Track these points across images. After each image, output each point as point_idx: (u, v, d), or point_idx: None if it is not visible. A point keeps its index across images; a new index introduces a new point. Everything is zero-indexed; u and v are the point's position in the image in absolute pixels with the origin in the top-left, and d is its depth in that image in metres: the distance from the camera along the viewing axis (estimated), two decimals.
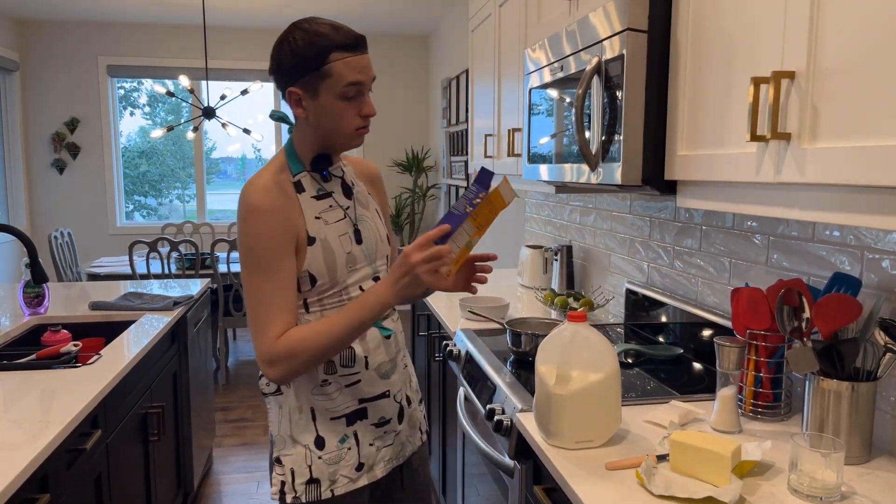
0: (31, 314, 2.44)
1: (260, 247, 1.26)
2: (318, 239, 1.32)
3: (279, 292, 1.27)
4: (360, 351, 1.38)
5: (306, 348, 1.25)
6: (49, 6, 5.55)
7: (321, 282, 1.33)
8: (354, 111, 1.29)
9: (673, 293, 2.02)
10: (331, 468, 1.38)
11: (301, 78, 1.26)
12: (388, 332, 1.44)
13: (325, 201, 1.36)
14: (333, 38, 1.25)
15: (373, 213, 1.45)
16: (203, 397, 3.04)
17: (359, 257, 1.38)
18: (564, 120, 1.73)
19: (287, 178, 1.33)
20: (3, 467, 1.22)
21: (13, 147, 5.94)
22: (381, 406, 1.43)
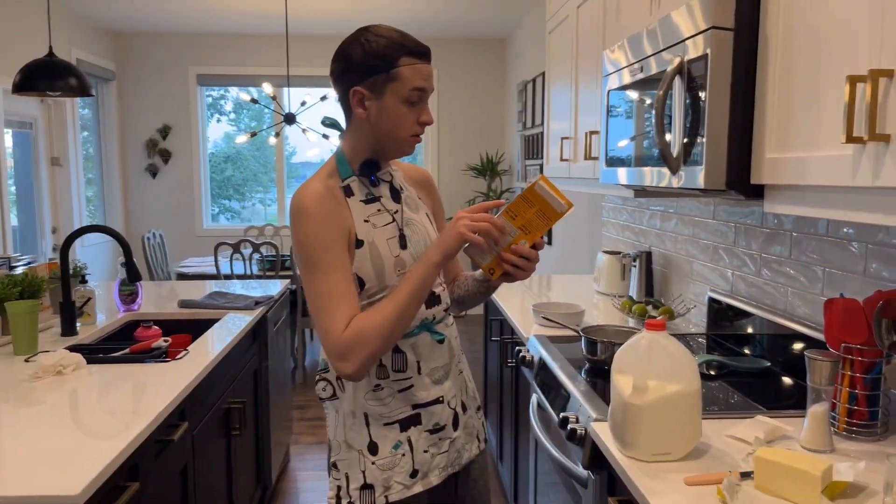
0: (126, 310, 2.58)
1: (313, 245, 1.27)
2: (367, 242, 1.33)
3: (338, 286, 1.27)
4: (412, 356, 1.37)
5: (374, 327, 1.24)
6: (144, 19, 5.87)
7: (369, 285, 1.33)
8: (414, 117, 1.32)
9: (760, 303, 1.93)
10: (384, 474, 1.37)
11: (368, 78, 1.28)
12: (440, 337, 1.41)
13: (373, 205, 1.36)
14: (404, 43, 1.29)
15: (422, 217, 1.44)
16: (281, 395, 3.13)
17: (407, 261, 1.37)
18: (644, 122, 1.69)
19: (336, 182, 1.35)
20: (97, 455, 1.29)
21: (110, 153, 6.30)
22: (435, 412, 1.40)
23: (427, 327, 1.39)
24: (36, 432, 1.40)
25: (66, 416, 1.49)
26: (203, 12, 5.59)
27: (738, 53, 1.35)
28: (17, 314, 1.95)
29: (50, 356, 1.80)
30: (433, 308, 1.41)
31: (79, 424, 1.44)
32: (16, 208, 4.83)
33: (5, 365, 1.88)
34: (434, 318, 1.41)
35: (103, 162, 6.28)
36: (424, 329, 1.39)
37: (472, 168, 6.47)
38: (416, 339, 1.38)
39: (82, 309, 2.33)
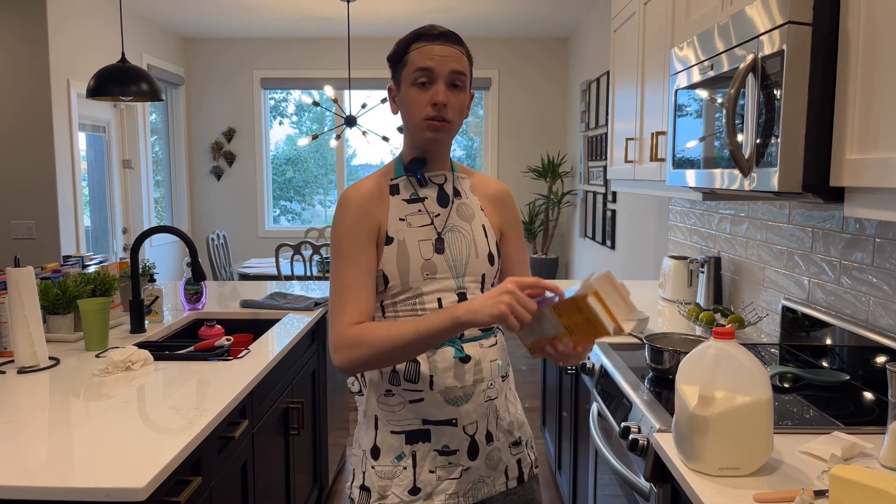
0: (191, 309, 2.64)
1: (342, 235, 1.31)
2: (396, 240, 1.32)
3: (356, 280, 1.29)
4: (425, 368, 1.31)
5: (370, 340, 1.22)
6: (211, 25, 6.05)
7: (392, 283, 1.32)
8: (426, 99, 1.29)
9: (839, 312, 1.83)
10: (382, 482, 1.34)
11: (394, 74, 1.35)
12: (462, 355, 1.32)
13: (414, 205, 1.36)
14: (418, 31, 1.31)
15: (476, 227, 1.38)
16: (338, 397, 3.16)
17: (440, 267, 1.32)
18: (714, 122, 1.62)
19: (387, 181, 1.37)
20: (162, 449, 1.32)
21: (178, 155, 6.52)
22: (445, 433, 1.33)
23: (452, 342, 1.32)
24: (105, 426, 1.44)
25: (134, 411, 1.53)
26: (267, 17, 5.72)
27: (816, 49, 1.28)
28: (89, 311, 2.02)
29: (119, 352, 1.86)
30: None
31: (145, 419, 1.48)
32: (89, 209, 5.04)
33: (77, 360, 1.95)
34: (462, 335, 1.33)
35: (171, 164, 6.50)
36: (449, 343, 1.32)
37: (532, 170, 6.42)
38: (435, 351, 1.31)
39: (150, 307, 2.40)
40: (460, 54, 1.31)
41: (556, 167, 6.26)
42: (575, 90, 6.16)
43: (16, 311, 1.81)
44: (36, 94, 4.28)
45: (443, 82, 1.29)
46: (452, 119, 1.31)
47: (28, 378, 1.78)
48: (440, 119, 1.29)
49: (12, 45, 4.23)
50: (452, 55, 1.29)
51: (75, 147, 4.57)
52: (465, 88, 1.33)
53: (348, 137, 6.92)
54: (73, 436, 1.39)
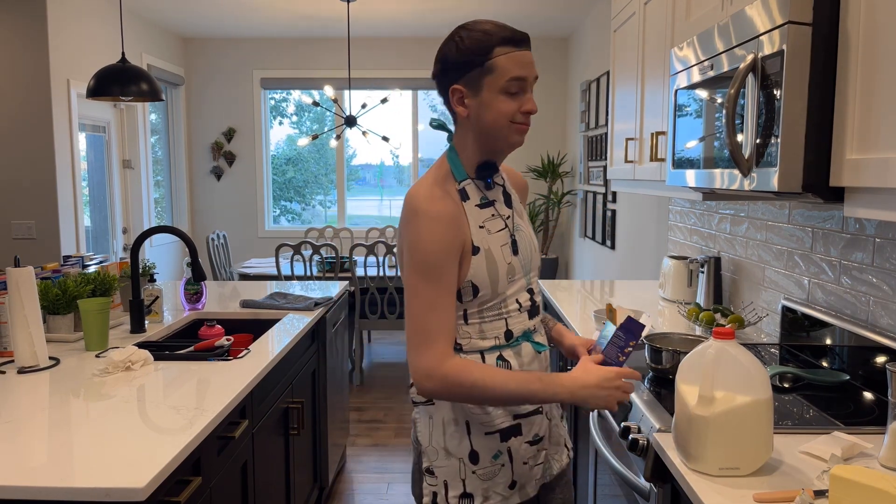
0: (191, 309, 2.64)
1: (433, 251, 1.25)
2: (483, 249, 1.31)
3: (445, 300, 1.27)
4: (515, 365, 1.36)
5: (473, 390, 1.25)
6: (211, 25, 6.05)
7: (483, 292, 1.31)
8: (515, 107, 1.28)
9: (839, 312, 1.83)
10: (484, 484, 1.36)
11: (465, 75, 1.28)
12: (542, 348, 1.41)
13: (487, 210, 1.34)
14: (497, 33, 1.26)
15: (527, 222, 1.44)
16: (339, 396, 3.16)
17: (517, 268, 1.36)
18: (714, 122, 1.62)
19: (453, 186, 1.33)
20: (162, 449, 1.32)
21: (178, 155, 6.52)
22: (534, 422, 1.39)
23: (528, 337, 1.39)
24: (105, 426, 1.44)
25: (134, 411, 1.53)
26: (267, 17, 5.72)
27: (816, 49, 1.28)
28: (89, 311, 2.02)
29: (119, 352, 1.86)
30: (534, 319, 1.41)
31: (145, 419, 1.48)
32: (89, 209, 5.04)
33: (77, 360, 1.95)
34: (535, 328, 1.41)
35: (171, 164, 6.50)
36: (526, 339, 1.38)
37: (532, 170, 6.41)
38: (518, 347, 1.37)
39: (150, 307, 2.40)
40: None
41: (556, 167, 6.26)
42: (575, 90, 6.16)
43: (16, 311, 1.81)
44: (36, 94, 4.28)
45: (530, 89, 1.30)
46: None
47: (28, 378, 1.78)
48: (527, 124, 1.30)
49: (12, 45, 4.23)
50: (533, 61, 1.30)
51: (75, 147, 4.57)
52: None
53: (348, 137, 6.92)
54: (73, 436, 1.39)
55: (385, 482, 3.26)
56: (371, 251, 4.58)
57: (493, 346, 1.35)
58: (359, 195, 7.06)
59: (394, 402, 4.39)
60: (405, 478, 3.32)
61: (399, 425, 3.99)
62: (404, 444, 3.73)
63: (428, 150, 6.85)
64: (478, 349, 1.34)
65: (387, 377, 4.90)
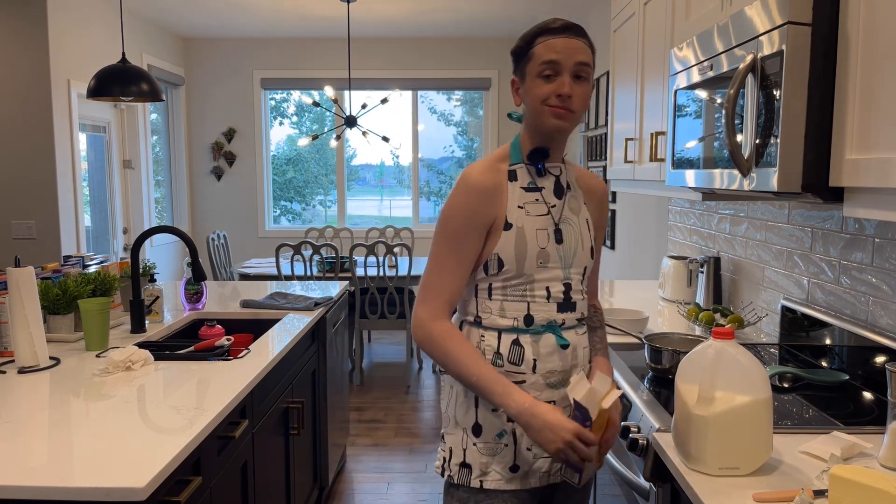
0: (191, 309, 2.64)
1: (454, 216, 1.35)
2: (515, 226, 1.36)
3: (457, 264, 1.36)
4: (529, 353, 1.38)
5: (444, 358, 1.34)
6: (211, 26, 6.05)
7: (507, 268, 1.36)
8: (550, 90, 1.33)
9: (839, 312, 1.84)
10: (483, 458, 1.39)
11: (517, 66, 1.39)
12: (565, 343, 1.40)
13: (532, 194, 1.40)
14: (542, 25, 1.35)
15: (582, 221, 1.45)
16: (339, 396, 3.16)
17: (552, 256, 1.39)
18: (714, 122, 1.62)
19: (505, 166, 1.40)
20: (162, 449, 1.32)
21: (178, 156, 6.52)
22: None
23: (553, 329, 1.40)
24: (105, 426, 1.44)
25: (134, 411, 1.53)
26: (267, 18, 5.73)
27: (816, 49, 1.28)
28: (89, 311, 2.02)
29: (120, 352, 1.86)
30: (565, 313, 1.41)
31: (146, 419, 1.48)
32: (89, 209, 5.04)
33: (77, 360, 1.95)
34: (563, 323, 1.41)
35: (172, 164, 6.50)
36: (550, 330, 1.39)
37: None
38: (539, 337, 1.39)
39: (151, 307, 2.40)
40: (584, 46, 1.34)
41: None
42: None
43: (16, 311, 1.81)
44: (36, 95, 4.28)
45: (568, 74, 1.32)
46: (577, 109, 1.34)
47: (28, 378, 1.78)
48: (565, 108, 1.33)
49: (12, 45, 4.24)
50: (577, 47, 1.33)
51: (76, 147, 4.57)
52: (589, 79, 1.36)
53: (348, 138, 6.92)
54: (73, 436, 1.39)
55: (385, 482, 3.26)
56: (371, 251, 4.58)
57: (511, 328, 1.38)
58: (359, 195, 7.06)
59: (394, 401, 4.39)
60: (405, 477, 3.32)
61: (399, 425, 3.99)
62: (404, 443, 3.73)
63: (428, 150, 6.85)
64: (496, 327, 1.39)
65: (387, 377, 4.89)
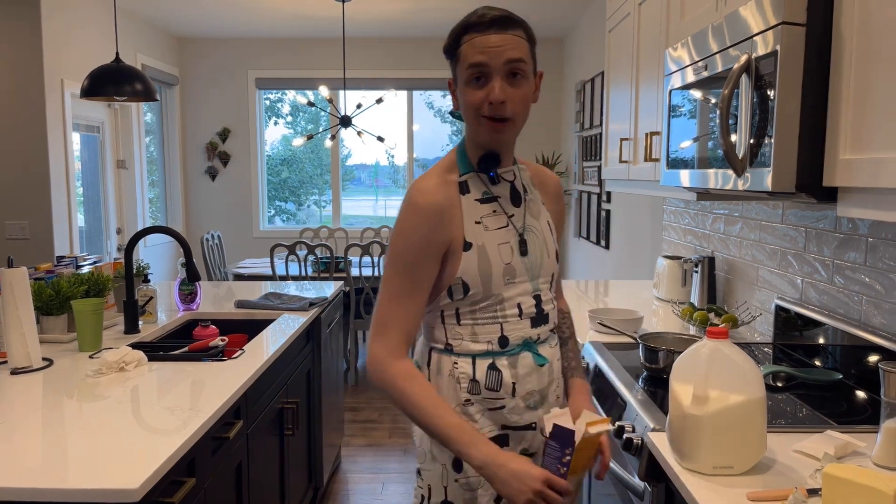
0: (185, 310, 2.64)
1: (406, 245, 1.22)
2: (475, 245, 1.25)
3: (411, 298, 1.23)
4: (507, 376, 1.29)
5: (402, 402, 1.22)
6: (206, 25, 6.03)
7: (474, 291, 1.25)
8: (481, 97, 1.19)
9: (832, 312, 1.84)
10: (467, 494, 1.30)
11: (451, 67, 1.26)
12: (543, 361, 1.32)
13: (488, 206, 1.28)
14: (468, 19, 1.19)
15: (544, 225, 1.35)
16: (333, 396, 3.16)
17: (519, 270, 1.28)
18: (708, 122, 1.63)
19: (454, 178, 1.27)
20: (156, 450, 1.31)
21: (172, 155, 6.50)
22: (525, 437, 1.33)
23: (529, 347, 1.31)
24: (99, 426, 1.43)
25: (128, 412, 1.52)
26: (262, 17, 5.71)
27: (810, 50, 1.29)
28: (83, 312, 2.02)
29: (113, 353, 1.85)
30: (539, 328, 1.32)
31: (139, 420, 1.47)
32: (83, 209, 5.02)
33: (71, 361, 1.94)
34: (538, 338, 1.33)
35: (166, 164, 6.48)
36: (526, 349, 1.31)
37: None
38: (515, 357, 1.29)
39: (144, 307, 2.40)
40: (516, 39, 1.18)
41: (551, 167, 6.26)
42: (570, 90, 6.16)
43: (9, 312, 1.80)
44: (30, 94, 4.26)
45: (499, 77, 1.18)
46: (514, 114, 1.21)
47: (21, 379, 1.77)
48: (499, 119, 1.20)
49: (6, 44, 4.21)
50: (507, 43, 1.17)
51: (69, 147, 4.55)
52: (527, 75, 1.21)
53: (343, 138, 6.91)
54: (66, 437, 1.38)
55: (380, 482, 3.26)
56: (366, 251, 4.57)
57: (486, 352, 1.28)
58: (354, 195, 7.05)
59: (388, 402, 4.39)
60: (400, 478, 3.31)
61: (394, 426, 3.99)
62: (399, 444, 3.72)
63: (423, 150, 6.85)
64: (469, 352, 1.28)
65: None
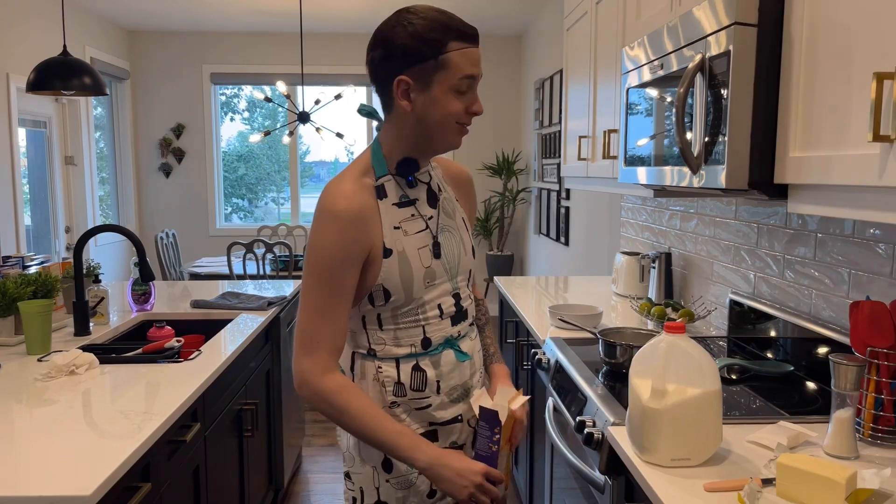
0: (139, 310, 2.57)
1: (326, 255, 1.19)
2: (395, 251, 1.23)
3: (336, 305, 1.21)
4: (432, 375, 1.30)
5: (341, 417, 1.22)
6: (157, 18, 5.89)
7: (395, 297, 1.25)
8: (464, 106, 1.21)
9: (783, 305, 1.89)
10: (399, 493, 1.31)
11: (414, 66, 1.17)
12: (464, 358, 1.34)
13: (406, 210, 1.27)
14: (452, 25, 1.17)
15: (459, 222, 1.35)
16: (293, 397, 3.12)
17: (438, 272, 1.29)
18: (664, 120, 1.65)
19: (370, 181, 1.25)
20: (109, 456, 1.28)
21: (124, 152, 6.33)
22: (453, 430, 1.35)
23: (451, 344, 1.32)
24: (48, 432, 1.39)
25: (79, 416, 1.48)
26: (216, 10, 5.60)
27: (761, 50, 1.32)
28: (30, 313, 1.95)
29: (63, 356, 1.79)
30: (459, 325, 1.34)
31: (91, 424, 1.43)
32: (29, 207, 4.86)
33: (18, 364, 1.88)
34: (459, 335, 1.34)
35: (117, 161, 6.31)
36: (448, 346, 1.32)
37: (487, 167, 6.44)
38: (438, 356, 1.31)
39: (95, 309, 2.33)
40: None
41: (510, 164, 6.30)
42: (529, 88, 6.21)
43: None
44: None
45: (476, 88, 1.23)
46: None
47: None
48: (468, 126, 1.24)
49: None
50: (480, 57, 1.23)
51: (15, 143, 4.40)
52: None
53: (301, 134, 6.83)
54: (15, 443, 1.34)
55: (342, 482, 3.24)
56: None
57: (409, 354, 1.29)
58: (313, 192, 6.97)
59: None
60: None
61: None
62: None
63: None
64: (392, 356, 1.29)
65: None
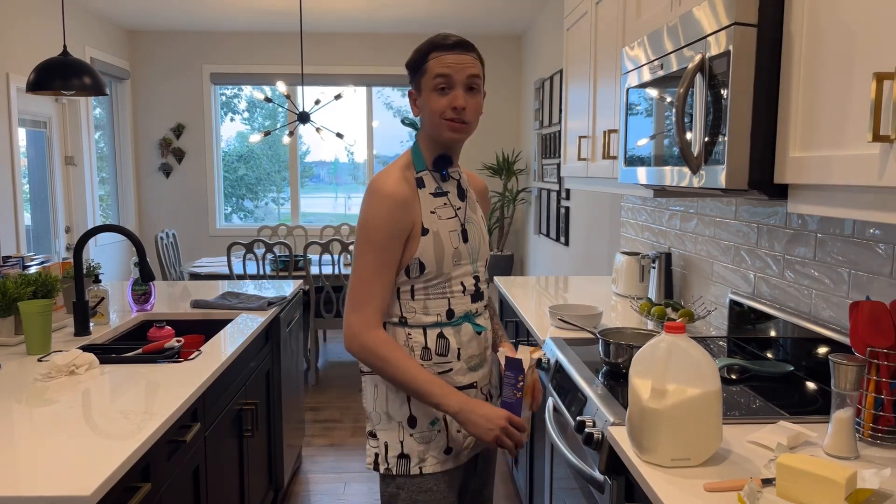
0: (139, 310, 2.57)
1: (377, 224, 1.42)
2: (432, 231, 1.47)
3: (384, 271, 1.44)
4: (454, 343, 1.52)
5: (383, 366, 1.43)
6: (158, 18, 5.89)
7: (428, 270, 1.47)
8: (445, 103, 1.44)
9: (783, 305, 1.89)
10: (420, 447, 1.51)
11: (413, 80, 1.49)
12: (480, 329, 1.57)
13: (440, 199, 1.51)
14: (434, 41, 1.45)
15: (479, 219, 1.61)
16: (294, 397, 3.12)
17: (464, 254, 1.53)
18: (664, 120, 1.65)
19: (411, 174, 1.50)
20: (109, 456, 1.28)
21: (124, 152, 6.33)
22: (469, 395, 1.51)
23: (469, 319, 1.55)
24: (49, 432, 1.39)
25: (79, 417, 1.48)
26: (216, 10, 5.60)
27: (761, 50, 1.32)
28: (31, 314, 1.95)
29: (63, 356, 1.79)
30: (477, 303, 1.57)
31: (91, 425, 1.43)
32: (29, 207, 4.86)
33: (18, 364, 1.88)
34: (476, 312, 1.57)
35: (117, 161, 6.31)
36: (467, 320, 1.54)
37: (487, 167, 6.44)
38: (459, 327, 1.53)
39: (95, 309, 2.33)
40: (474, 60, 1.46)
41: (510, 164, 6.30)
42: (529, 88, 6.21)
43: None
44: None
45: (461, 87, 1.44)
46: (470, 120, 1.46)
47: None
48: (460, 121, 1.45)
49: None
50: (467, 62, 1.44)
51: (15, 143, 4.40)
52: (480, 90, 1.48)
53: (301, 134, 6.83)
54: (15, 443, 1.34)
55: (342, 482, 3.24)
56: (326, 249, 4.53)
57: (435, 323, 1.51)
58: (313, 192, 6.98)
59: (350, 401, 4.36)
60: (363, 477, 3.30)
61: (356, 425, 3.96)
62: (361, 443, 3.70)
63: (383, 146, 6.82)
64: (421, 324, 1.51)
65: (342, 376, 4.86)
